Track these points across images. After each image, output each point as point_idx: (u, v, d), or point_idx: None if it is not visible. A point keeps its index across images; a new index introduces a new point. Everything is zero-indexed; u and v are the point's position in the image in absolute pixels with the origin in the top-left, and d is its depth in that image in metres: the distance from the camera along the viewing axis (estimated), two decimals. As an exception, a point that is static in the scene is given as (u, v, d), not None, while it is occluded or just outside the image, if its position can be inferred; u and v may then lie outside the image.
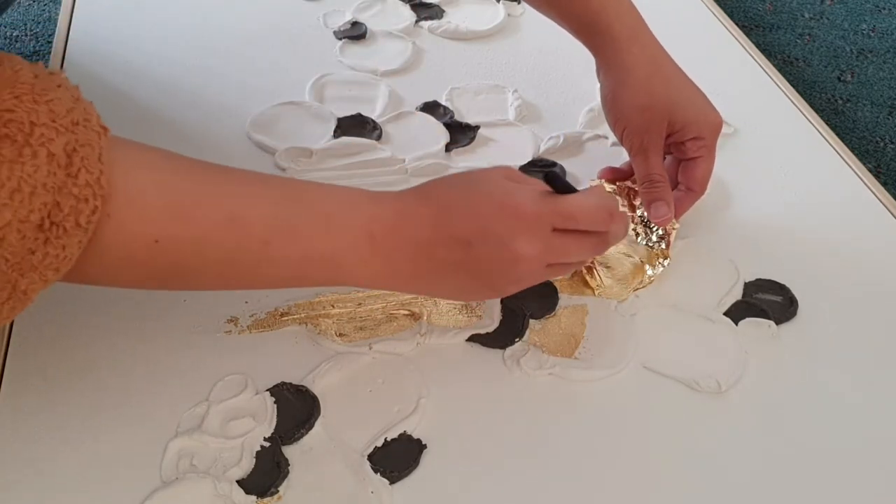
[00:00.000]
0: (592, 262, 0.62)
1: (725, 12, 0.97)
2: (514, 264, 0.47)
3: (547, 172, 0.49)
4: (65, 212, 0.38)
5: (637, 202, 0.65)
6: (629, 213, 0.65)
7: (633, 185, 0.66)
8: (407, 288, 0.52)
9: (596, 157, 0.73)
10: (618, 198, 0.66)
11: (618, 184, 0.67)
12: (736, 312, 0.61)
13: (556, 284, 0.61)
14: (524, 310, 0.59)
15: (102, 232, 0.40)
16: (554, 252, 0.48)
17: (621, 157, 0.71)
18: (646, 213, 0.63)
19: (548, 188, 0.50)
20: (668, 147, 0.64)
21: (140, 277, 0.44)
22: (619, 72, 0.63)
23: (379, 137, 0.74)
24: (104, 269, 0.42)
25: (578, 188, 0.51)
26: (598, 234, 0.50)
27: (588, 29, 0.65)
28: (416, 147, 0.73)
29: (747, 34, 0.95)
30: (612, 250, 0.63)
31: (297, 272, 0.47)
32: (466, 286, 0.49)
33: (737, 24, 0.96)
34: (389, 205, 0.48)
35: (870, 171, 0.77)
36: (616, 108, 0.64)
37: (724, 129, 0.77)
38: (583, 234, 0.50)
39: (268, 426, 0.50)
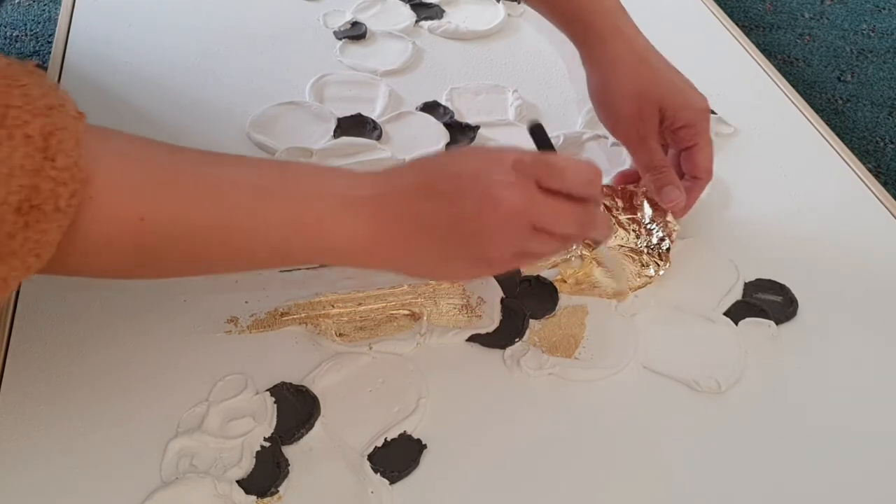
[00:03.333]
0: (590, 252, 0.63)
1: (725, 12, 0.97)
2: (497, 215, 0.45)
3: (532, 125, 0.47)
4: (44, 195, 0.37)
5: (637, 202, 0.65)
6: (630, 216, 0.65)
7: (632, 188, 0.66)
8: (391, 255, 0.48)
9: (596, 157, 0.73)
10: (618, 200, 0.66)
11: (619, 187, 0.67)
12: (736, 312, 0.61)
13: (556, 284, 0.61)
14: (524, 310, 0.59)
15: (85, 214, 0.40)
16: (538, 209, 0.46)
17: (621, 157, 0.71)
18: (646, 213, 0.63)
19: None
20: (662, 136, 0.64)
21: (123, 261, 0.44)
22: (606, 64, 0.63)
23: (379, 137, 0.74)
24: (86, 256, 0.42)
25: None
26: (582, 204, 0.48)
27: (573, 22, 0.65)
28: (416, 147, 0.73)
29: (747, 34, 0.95)
30: (612, 253, 0.63)
31: (282, 243, 0.46)
32: (451, 249, 0.47)
33: (737, 24, 0.96)
34: (370, 175, 0.48)
35: (870, 171, 0.77)
36: (606, 100, 0.64)
37: (724, 129, 0.78)
38: (568, 200, 0.48)
39: (268, 426, 0.50)
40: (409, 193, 0.47)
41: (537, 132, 0.47)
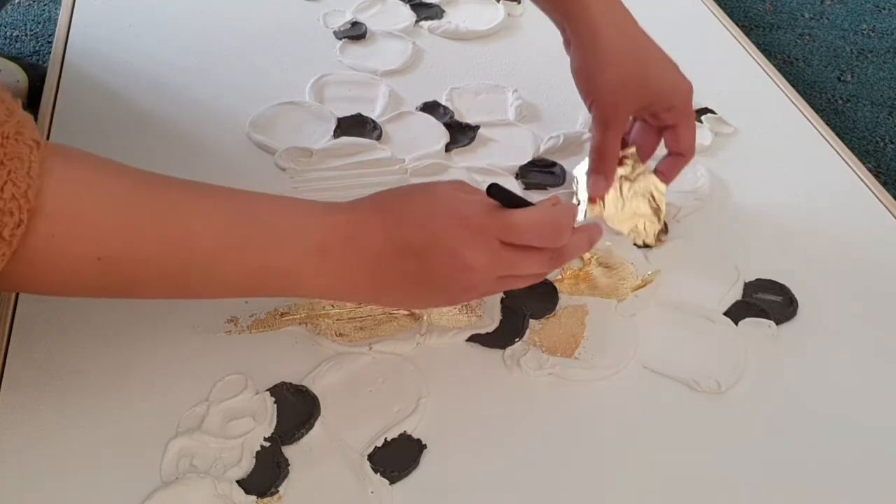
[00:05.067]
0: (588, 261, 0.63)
1: (725, 12, 0.97)
2: (464, 273, 0.48)
3: (490, 185, 0.49)
4: None
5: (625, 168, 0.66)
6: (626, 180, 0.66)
7: (623, 153, 0.66)
8: (362, 297, 0.52)
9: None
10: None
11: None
12: (736, 312, 0.61)
13: (556, 284, 0.61)
14: (524, 310, 0.59)
15: (47, 250, 0.40)
16: (502, 264, 0.49)
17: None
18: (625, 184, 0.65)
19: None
20: (644, 116, 0.65)
21: (89, 291, 0.45)
22: (590, 45, 0.62)
23: (379, 137, 0.73)
24: (53, 284, 0.44)
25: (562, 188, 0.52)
26: (551, 248, 0.51)
27: (558, 1, 0.64)
28: (416, 147, 0.73)
29: (747, 34, 0.95)
30: (613, 252, 0.63)
31: (249, 286, 0.47)
32: (420, 295, 0.50)
33: (737, 24, 0.96)
34: (341, 215, 0.48)
35: (870, 171, 0.77)
36: (588, 82, 0.63)
37: (724, 129, 0.78)
38: (534, 248, 0.50)
39: (268, 426, 0.50)
40: (382, 249, 0.48)
41: (496, 192, 0.49)
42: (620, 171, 0.66)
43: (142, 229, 0.43)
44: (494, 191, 0.49)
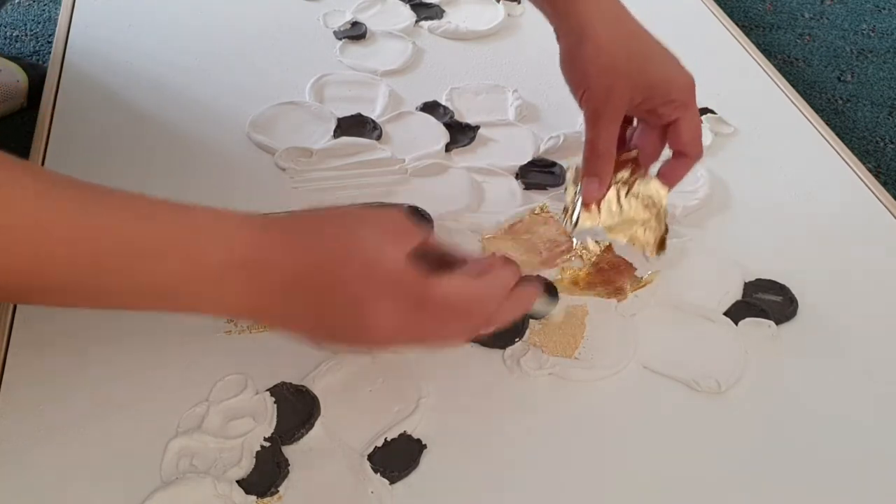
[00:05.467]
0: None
1: (725, 12, 0.97)
2: (367, 332, 0.43)
3: (417, 249, 0.43)
4: None
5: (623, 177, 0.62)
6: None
7: (622, 156, 0.62)
8: (267, 324, 0.47)
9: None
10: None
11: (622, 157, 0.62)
12: (736, 312, 0.61)
13: (556, 284, 0.61)
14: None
15: None
16: (413, 331, 0.44)
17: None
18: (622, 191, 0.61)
19: (434, 251, 0.45)
20: (643, 115, 0.60)
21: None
22: (578, 31, 0.57)
23: (379, 137, 0.73)
24: None
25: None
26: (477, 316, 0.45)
27: None
28: (416, 147, 0.73)
29: (747, 34, 0.95)
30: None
31: (139, 301, 0.44)
32: (324, 335, 0.46)
33: (737, 24, 0.96)
34: (248, 235, 0.44)
35: (870, 171, 0.77)
36: (575, 70, 0.58)
37: (724, 129, 0.78)
38: (454, 319, 0.45)
39: (268, 426, 0.50)
40: (288, 281, 0.43)
41: (420, 256, 0.44)
42: (618, 174, 0.61)
43: (33, 242, 0.39)
44: (416, 254, 0.43)
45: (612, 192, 0.61)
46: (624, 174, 0.61)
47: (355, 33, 0.87)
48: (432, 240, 0.47)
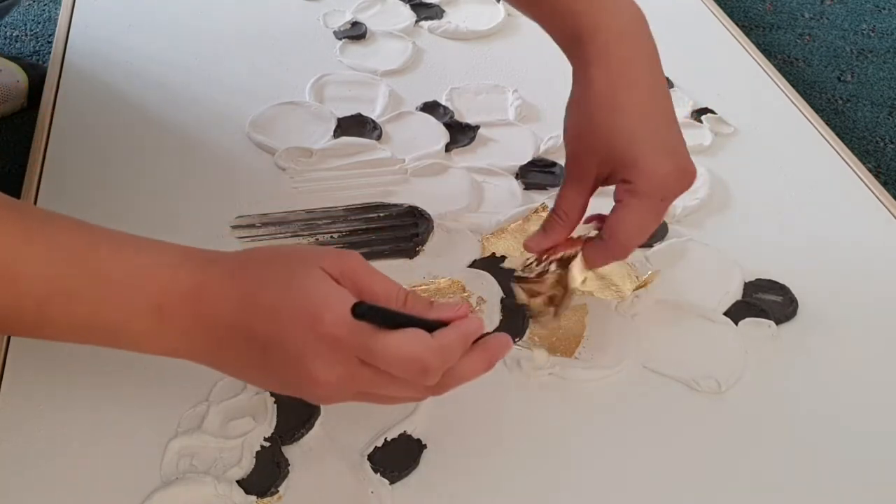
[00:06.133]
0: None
1: (725, 12, 0.97)
2: (310, 385, 0.41)
3: (355, 305, 0.41)
4: None
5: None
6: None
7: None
8: (207, 365, 0.45)
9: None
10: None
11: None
12: (736, 312, 0.61)
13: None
14: (524, 310, 0.59)
15: None
16: (359, 383, 0.42)
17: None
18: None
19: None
20: (609, 179, 0.54)
21: None
22: (577, 89, 0.55)
23: (379, 137, 0.74)
24: None
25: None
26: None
27: (564, 33, 0.56)
28: (416, 147, 0.73)
29: (747, 34, 0.95)
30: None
31: (79, 336, 0.43)
32: (268, 385, 0.45)
33: (737, 24, 0.96)
34: (189, 276, 0.42)
35: (870, 171, 0.77)
36: (566, 124, 0.55)
37: (724, 129, 0.78)
38: (409, 374, 0.42)
39: (268, 426, 0.50)
40: (226, 326, 0.42)
41: (363, 313, 0.41)
42: (570, 250, 0.55)
43: None
44: (360, 313, 0.40)
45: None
46: (571, 251, 0.55)
47: (355, 33, 0.87)
48: (385, 289, 0.43)
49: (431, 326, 0.42)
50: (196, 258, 0.43)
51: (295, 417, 0.51)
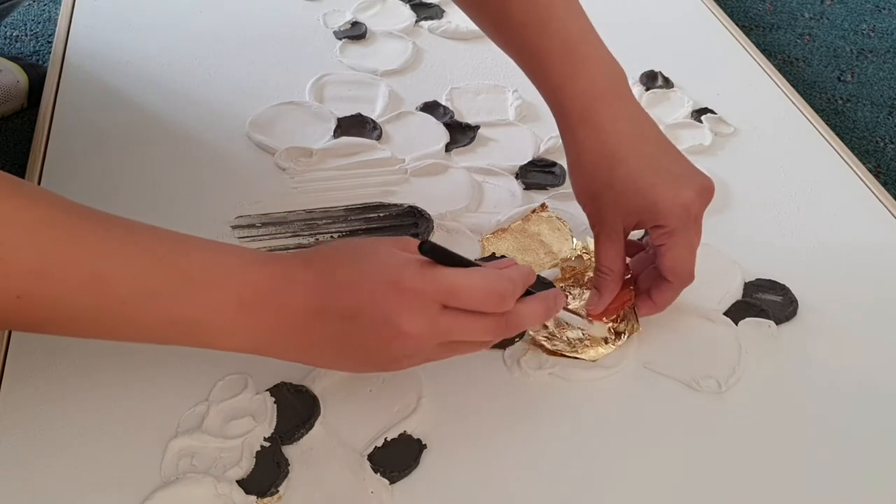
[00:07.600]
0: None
1: (725, 12, 0.97)
2: (398, 341, 0.44)
3: (422, 243, 0.45)
4: None
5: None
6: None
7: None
8: (285, 357, 0.48)
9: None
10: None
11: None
12: (736, 312, 0.61)
13: (556, 285, 0.61)
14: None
15: None
16: (442, 331, 0.45)
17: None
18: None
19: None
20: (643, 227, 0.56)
21: (12, 325, 0.45)
22: (571, 153, 0.57)
23: (379, 137, 0.74)
24: None
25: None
26: (499, 313, 0.46)
27: (549, 101, 0.59)
28: (416, 147, 0.73)
29: (747, 34, 0.95)
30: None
31: (160, 334, 0.45)
32: (349, 359, 0.47)
33: (737, 24, 0.96)
34: (266, 268, 0.45)
35: (870, 171, 0.77)
36: (574, 189, 0.58)
37: (724, 129, 0.78)
38: (479, 313, 0.46)
39: (268, 426, 0.50)
40: (307, 309, 0.45)
41: (429, 251, 0.45)
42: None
43: (55, 272, 0.41)
44: (426, 249, 0.45)
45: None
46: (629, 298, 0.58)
47: (355, 33, 0.87)
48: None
49: None
50: (271, 256, 0.47)
51: (295, 417, 0.51)
